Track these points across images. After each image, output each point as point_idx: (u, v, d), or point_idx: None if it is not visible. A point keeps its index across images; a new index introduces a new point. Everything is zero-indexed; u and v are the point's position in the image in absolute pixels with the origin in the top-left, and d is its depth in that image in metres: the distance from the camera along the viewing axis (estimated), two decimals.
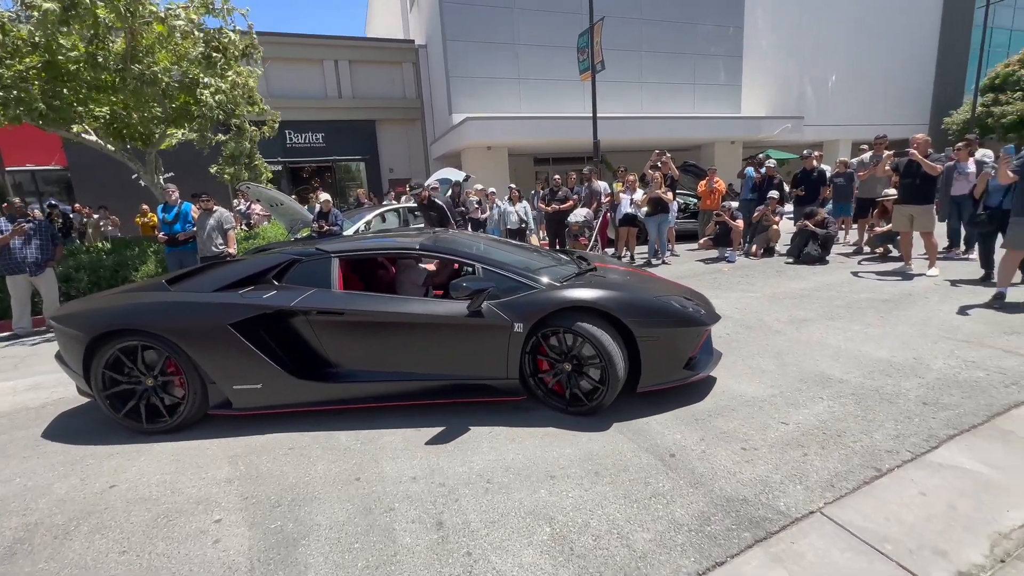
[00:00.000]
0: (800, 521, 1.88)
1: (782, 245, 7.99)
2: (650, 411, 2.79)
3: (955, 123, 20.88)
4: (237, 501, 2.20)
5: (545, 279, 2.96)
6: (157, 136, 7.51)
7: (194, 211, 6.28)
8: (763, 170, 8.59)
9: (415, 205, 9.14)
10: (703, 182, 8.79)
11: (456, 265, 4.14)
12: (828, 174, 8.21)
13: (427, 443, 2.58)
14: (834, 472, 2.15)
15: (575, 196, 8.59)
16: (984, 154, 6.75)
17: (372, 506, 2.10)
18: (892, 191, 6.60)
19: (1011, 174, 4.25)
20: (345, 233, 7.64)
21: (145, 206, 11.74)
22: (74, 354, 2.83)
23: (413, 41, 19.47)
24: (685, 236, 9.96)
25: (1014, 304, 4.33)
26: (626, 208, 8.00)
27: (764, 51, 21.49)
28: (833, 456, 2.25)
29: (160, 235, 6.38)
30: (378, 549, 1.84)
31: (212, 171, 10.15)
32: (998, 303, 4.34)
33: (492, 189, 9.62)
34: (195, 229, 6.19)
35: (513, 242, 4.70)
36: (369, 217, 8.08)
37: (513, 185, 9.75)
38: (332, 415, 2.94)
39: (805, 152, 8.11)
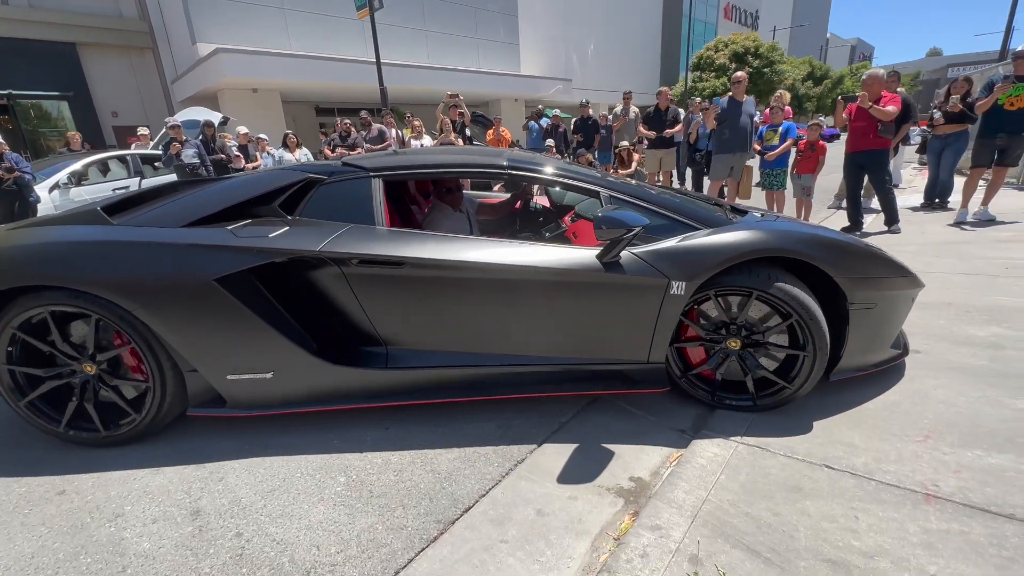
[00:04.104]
0: (587, 407, 2.06)
1: None
2: None
3: (675, 95, 26.27)
4: None
5: (704, 216, 1.97)
6: None
7: None
8: (545, 121, 9.31)
9: (154, 152, 7.16)
10: (491, 131, 9.08)
11: (519, 203, 3.13)
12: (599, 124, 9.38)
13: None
14: None
15: (364, 145, 7.91)
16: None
17: (87, 520, 1.52)
18: (625, 143, 7.90)
19: (714, 122, 5.42)
20: (37, 187, 5.53)
21: None
22: None
23: None
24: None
25: None
26: None
27: (537, 15, 23.09)
28: None
29: None
30: (94, 572, 1.33)
31: None
32: None
33: (263, 135, 8.16)
34: None
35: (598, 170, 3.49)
36: (76, 166, 5.97)
37: (289, 131, 8.44)
38: None
39: (582, 101, 9.04)
